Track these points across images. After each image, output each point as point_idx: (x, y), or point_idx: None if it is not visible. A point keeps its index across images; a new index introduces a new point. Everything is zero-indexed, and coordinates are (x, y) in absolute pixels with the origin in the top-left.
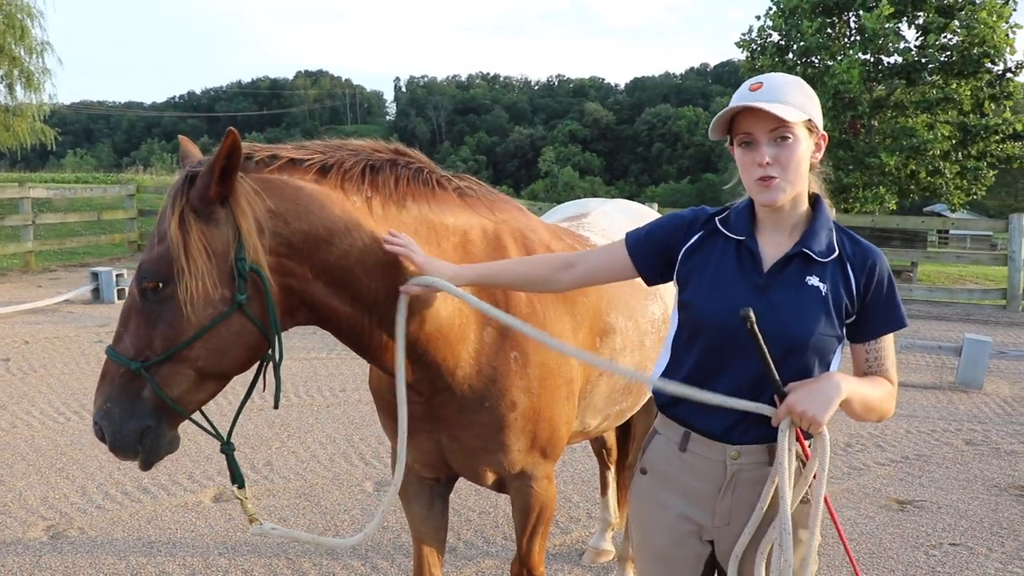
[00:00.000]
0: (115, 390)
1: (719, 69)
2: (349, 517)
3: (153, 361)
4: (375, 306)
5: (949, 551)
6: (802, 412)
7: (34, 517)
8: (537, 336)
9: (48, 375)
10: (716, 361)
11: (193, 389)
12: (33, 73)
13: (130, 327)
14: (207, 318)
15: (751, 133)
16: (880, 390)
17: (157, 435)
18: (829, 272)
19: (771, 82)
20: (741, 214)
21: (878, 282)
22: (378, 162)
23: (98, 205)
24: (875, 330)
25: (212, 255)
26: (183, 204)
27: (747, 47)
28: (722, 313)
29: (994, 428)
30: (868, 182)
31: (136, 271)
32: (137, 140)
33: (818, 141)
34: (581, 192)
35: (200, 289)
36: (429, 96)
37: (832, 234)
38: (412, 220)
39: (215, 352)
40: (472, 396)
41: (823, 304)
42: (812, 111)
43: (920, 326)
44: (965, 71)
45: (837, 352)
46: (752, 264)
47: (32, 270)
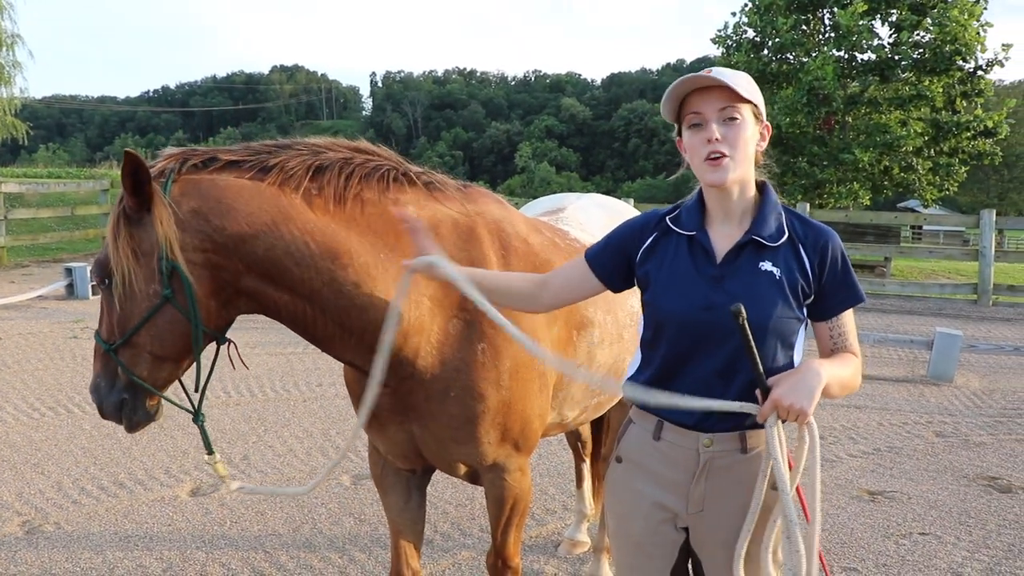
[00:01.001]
0: (100, 367)
1: (695, 65)
2: (326, 511)
3: (116, 344)
4: (313, 295)
5: (919, 540)
6: (789, 405)
7: (9, 513)
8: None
9: (22, 371)
10: (681, 357)
11: (154, 369)
12: (3, 66)
13: (103, 313)
14: (144, 310)
15: (701, 112)
16: (850, 367)
17: (134, 407)
18: (781, 255)
19: (720, 70)
20: (691, 210)
21: (832, 261)
22: (327, 161)
23: (71, 200)
24: (835, 307)
25: (140, 255)
26: (119, 211)
27: (723, 43)
28: (680, 308)
29: (964, 420)
30: (842, 178)
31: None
32: (111, 135)
33: (762, 131)
34: (557, 188)
35: (132, 285)
36: (405, 91)
37: (781, 217)
38: (364, 215)
39: (157, 339)
40: (437, 385)
41: (778, 288)
42: (757, 99)
43: (893, 320)
44: (937, 68)
45: (800, 333)
46: (705, 257)
47: (4, 266)
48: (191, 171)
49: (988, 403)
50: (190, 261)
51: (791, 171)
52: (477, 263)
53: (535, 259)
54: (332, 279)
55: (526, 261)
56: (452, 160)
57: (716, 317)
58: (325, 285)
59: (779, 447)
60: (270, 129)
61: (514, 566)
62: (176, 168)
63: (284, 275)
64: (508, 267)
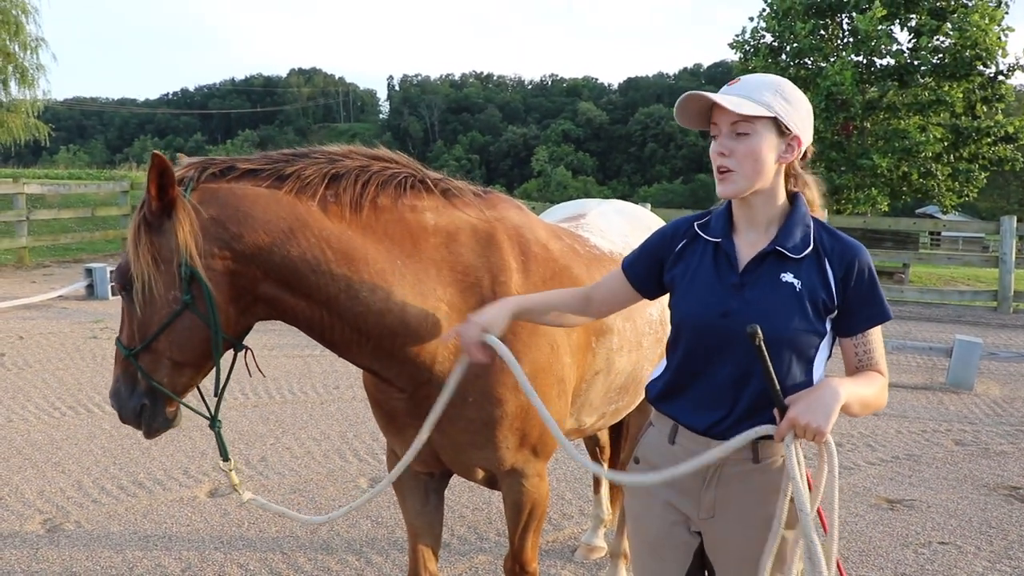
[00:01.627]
0: (120, 372)
1: (712, 70)
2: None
3: (136, 350)
4: (330, 301)
5: (938, 549)
6: (805, 425)
7: (31, 511)
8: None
9: (43, 370)
10: (697, 361)
11: (174, 375)
12: (27, 69)
13: (124, 319)
14: (164, 316)
15: (717, 125)
16: (874, 386)
17: (154, 413)
18: (804, 268)
19: (747, 80)
20: (720, 217)
21: (858, 276)
22: (343, 169)
23: (92, 201)
24: (860, 324)
25: (161, 261)
26: (139, 218)
27: (740, 48)
28: (698, 313)
29: (984, 429)
30: (860, 184)
31: (118, 267)
32: (130, 137)
33: (790, 142)
34: (574, 192)
35: (152, 291)
36: (422, 95)
37: (809, 230)
38: (380, 221)
39: (177, 345)
40: (456, 392)
41: (797, 300)
42: (781, 111)
43: (911, 327)
44: (957, 73)
45: (822, 349)
46: (728, 264)
47: (26, 266)
48: (210, 180)
49: (1009, 411)
50: (209, 268)
51: None
52: (497, 270)
53: (554, 265)
54: (348, 285)
55: (545, 267)
56: (469, 164)
57: (732, 324)
58: (342, 291)
59: (797, 467)
60: (287, 132)
61: (531, 571)
62: (195, 176)
63: (301, 282)
64: (527, 273)
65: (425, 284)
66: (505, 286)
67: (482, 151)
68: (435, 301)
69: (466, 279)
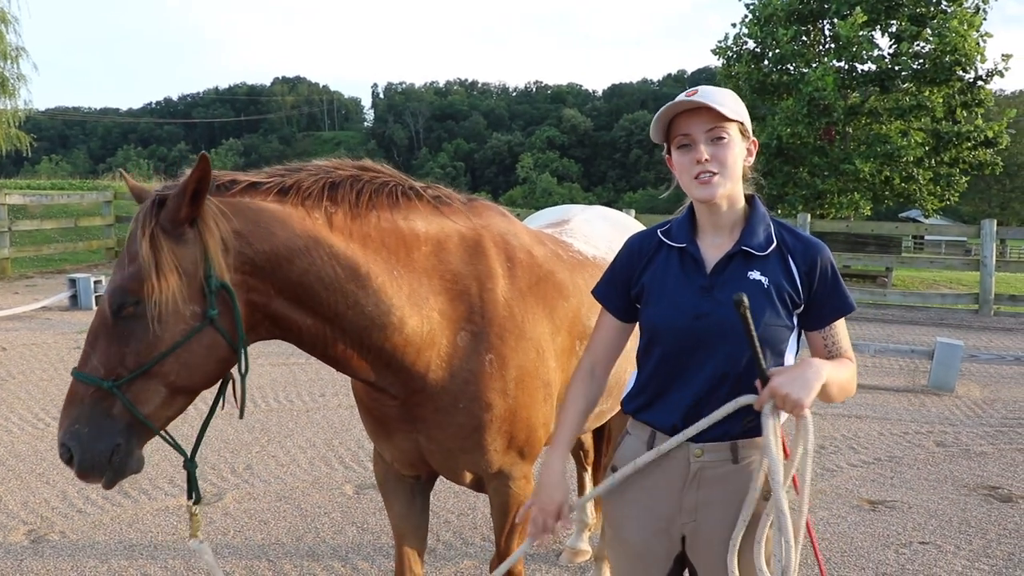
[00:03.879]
0: (84, 411)
1: (697, 76)
2: (329, 520)
3: (125, 379)
4: (335, 318)
5: (919, 549)
6: (786, 394)
7: (15, 522)
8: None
9: (27, 381)
10: (673, 366)
11: (164, 405)
12: (8, 79)
13: (99, 347)
14: (180, 333)
15: (689, 134)
16: (848, 371)
17: (127, 453)
18: (770, 265)
19: (706, 89)
20: (682, 224)
21: (822, 272)
22: (338, 179)
23: (75, 212)
24: (827, 317)
25: (182, 273)
26: (153, 225)
27: (723, 54)
28: (671, 317)
29: (964, 430)
30: (843, 188)
31: (108, 292)
32: (113, 146)
33: (749, 146)
34: (559, 198)
35: (171, 306)
36: (407, 102)
37: (770, 228)
38: (378, 231)
39: (187, 366)
40: (446, 398)
41: (766, 296)
42: (743, 117)
43: (894, 330)
44: (937, 79)
45: (791, 343)
46: (695, 267)
47: (8, 277)
48: (217, 192)
49: (989, 413)
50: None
51: (792, 181)
52: (484, 277)
53: (539, 271)
54: (356, 301)
55: (530, 273)
56: (454, 171)
57: (707, 325)
58: (349, 308)
59: (773, 436)
60: (272, 140)
61: (517, 573)
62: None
63: (312, 299)
64: (513, 279)
65: (419, 294)
66: (492, 292)
67: (467, 158)
68: (428, 310)
69: (455, 287)
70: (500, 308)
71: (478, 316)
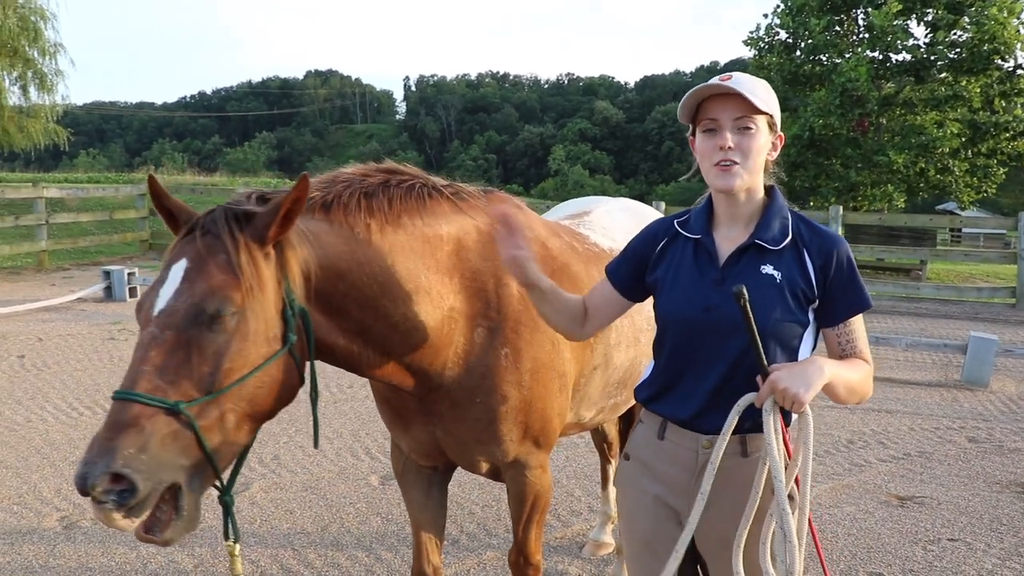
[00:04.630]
0: (144, 437)
1: (730, 67)
2: (354, 510)
3: (198, 401)
4: (364, 332)
5: (947, 546)
6: (784, 388)
7: (48, 508)
8: None
9: (61, 371)
10: (684, 358)
11: (232, 436)
12: (46, 75)
13: (164, 363)
14: (262, 356)
15: (716, 119)
16: (860, 372)
17: (189, 496)
18: (784, 259)
19: (740, 76)
20: (699, 214)
21: (837, 266)
22: (370, 188)
23: (110, 205)
24: (841, 313)
25: (271, 292)
26: (245, 239)
27: (755, 45)
28: (682, 309)
29: (998, 426)
30: (876, 180)
31: (194, 299)
32: (148, 140)
33: (775, 140)
34: (591, 190)
35: (260, 325)
36: (439, 95)
37: (787, 221)
38: (408, 238)
39: (262, 392)
40: (463, 393)
41: (778, 291)
42: (774, 110)
43: (927, 324)
44: (975, 68)
45: (805, 339)
46: (709, 260)
47: (46, 269)
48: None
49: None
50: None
51: (824, 173)
52: (500, 272)
53: (553, 263)
54: (385, 314)
55: (545, 264)
56: (485, 163)
57: (717, 318)
58: (377, 321)
59: (773, 433)
60: (304, 133)
61: (535, 563)
62: None
63: (344, 317)
64: None
65: (442, 296)
66: (507, 288)
67: (499, 151)
68: (447, 310)
69: (474, 284)
70: (515, 302)
71: (494, 311)
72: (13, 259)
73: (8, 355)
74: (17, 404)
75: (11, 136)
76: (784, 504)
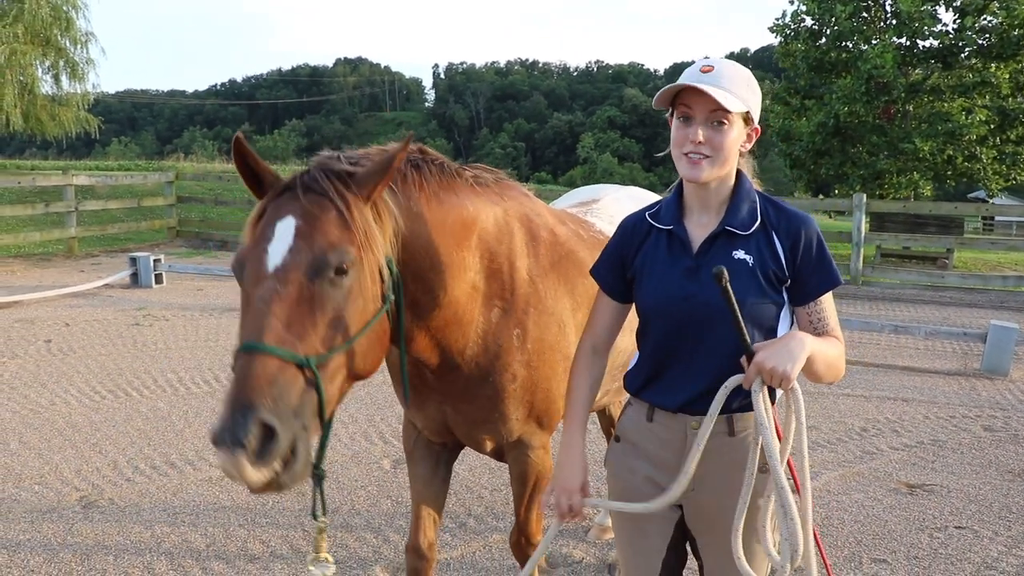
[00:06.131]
0: (283, 390)
1: (759, 54)
2: (366, 493)
3: (324, 356)
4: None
5: (954, 534)
6: (772, 367)
7: (68, 488)
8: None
9: (86, 356)
10: (668, 347)
11: (337, 393)
12: (78, 63)
13: (289, 317)
14: (371, 313)
15: (691, 109)
16: (835, 349)
17: (305, 448)
18: (754, 243)
19: (722, 69)
20: (670, 205)
21: (806, 246)
22: (415, 161)
23: (139, 192)
24: (812, 291)
25: (379, 249)
26: (352, 195)
27: (781, 32)
28: (661, 300)
29: (1015, 414)
30: (902, 168)
31: (313, 254)
32: (179, 128)
33: (750, 132)
34: (619, 178)
35: (368, 281)
36: (467, 83)
37: (755, 205)
38: (445, 214)
39: (370, 349)
40: (478, 372)
41: (751, 274)
42: (752, 105)
43: (951, 313)
44: (1004, 54)
45: (782, 319)
46: (682, 249)
47: (75, 255)
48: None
49: None
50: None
51: (850, 161)
52: (513, 255)
53: (560, 249)
54: (431, 289)
55: (553, 251)
56: (514, 151)
57: (695, 306)
58: (425, 295)
59: (765, 413)
60: (334, 121)
61: (536, 543)
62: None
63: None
64: (536, 256)
65: (468, 274)
66: (519, 272)
67: (528, 138)
68: (471, 289)
69: (492, 265)
70: (526, 285)
71: (508, 292)
72: (44, 245)
73: (36, 339)
74: (42, 387)
75: (43, 124)
76: (782, 482)
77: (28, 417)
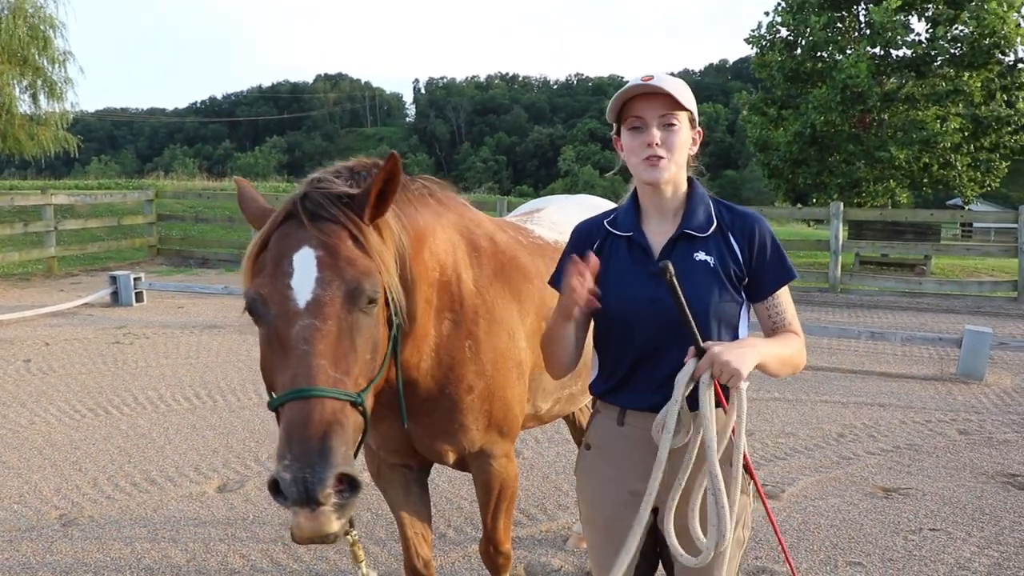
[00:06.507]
0: (347, 432)
1: (738, 65)
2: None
3: (367, 389)
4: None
5: (928, 536)
6: (725, 362)
7: (47, 507)
8: None
9: (66, 375)
10: (635, 351)
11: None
12: (56, 83)
13: (334, 353)
14: (387, 338)
15: (642, 117)
16: (791, 345)
17: (356, 483)
18: (712, 244)
19: (662, 75)
20: (627, 212)
21: (760, 244)
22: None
23: (119, 210)
24: (768, 287)
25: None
26: (359, 220)
27: (757, 43)
28: (627, 306)
29: (990, 418)
30: (879, 176)
31: (347, 286)
32: (160, 146)
33: (695, 136)
34: (601, 191)
35: (383, 306)
36: (448, 97)
37: (710, 208)
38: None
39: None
40: (434, 385)
41: (713, 275)
42: (693, 107)
43: (928, 319)
44: (975, 63)
45: (743, 317)
46: (643, 255)
47: (55, 275)
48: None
49: (1018, 401)
50: None
51: (827, 170)
52: (460, 267)
53: (502, 256)
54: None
55: (494, 259)
56: (496, 165)
57: (661, 310)
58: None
59: (708, 405)
60: (315, 137)
61: (505, 551)
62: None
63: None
64: (480, 266)
65: (423, 289)
66: (466, 283)
67: (509, 152)
68: (425, 303)
69: (442, 278)
70: (473, 296)
71: (457, 304)
72: (23, 265)
73: (15, 359)
74: (21, 406)
75: (22, 144)
76: (716, 470)
77: (7, 436)
